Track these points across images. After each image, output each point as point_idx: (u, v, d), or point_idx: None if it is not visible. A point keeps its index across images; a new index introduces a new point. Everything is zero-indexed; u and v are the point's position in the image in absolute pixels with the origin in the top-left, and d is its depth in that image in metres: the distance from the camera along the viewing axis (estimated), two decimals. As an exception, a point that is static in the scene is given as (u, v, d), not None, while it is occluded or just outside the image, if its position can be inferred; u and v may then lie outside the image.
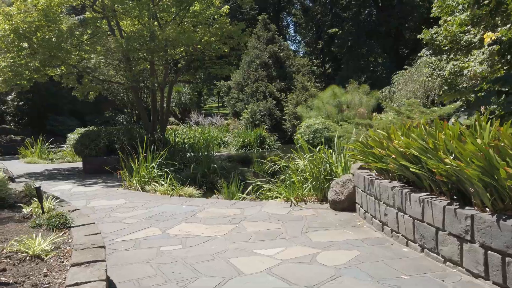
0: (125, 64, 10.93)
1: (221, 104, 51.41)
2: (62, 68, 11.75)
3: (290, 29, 52.39)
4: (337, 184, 5.41)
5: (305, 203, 5.85)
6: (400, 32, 30.84)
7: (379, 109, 20.90)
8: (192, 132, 19.45)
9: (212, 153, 10.39)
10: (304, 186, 6.16)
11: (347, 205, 5.28)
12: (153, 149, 9.18)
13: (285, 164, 6.65)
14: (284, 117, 21.81)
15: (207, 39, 11.23)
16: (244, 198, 6.60)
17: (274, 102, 22.11)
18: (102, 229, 4.78)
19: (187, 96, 29.78)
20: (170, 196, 6.94)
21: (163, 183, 7.60)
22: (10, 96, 23.31)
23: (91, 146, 10.54)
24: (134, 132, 11.09)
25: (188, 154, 11.39)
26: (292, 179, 6.23)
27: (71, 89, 13.19)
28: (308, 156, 6.15)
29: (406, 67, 19.98)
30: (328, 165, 5.96)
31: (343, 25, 31.06)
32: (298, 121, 20.73)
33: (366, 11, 31.03)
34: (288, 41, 42.93)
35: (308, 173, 6.07)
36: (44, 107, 23.58)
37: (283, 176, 6.53)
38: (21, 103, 23.16)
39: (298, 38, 50.00)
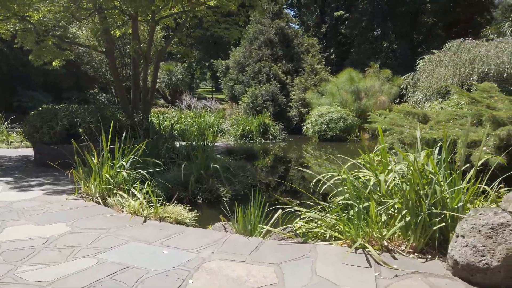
0: (98, 17, 7.99)
1: (214, 89, 48.04)
2: (14, 21, 8.80)
3: (290, 10, 49.02)
4: (477, 232, 2.69)
5: (392, 256, 3.14)
6: (417, 16, 27.99)
7: (398, 98, 18.26)
8: (183, 116, 16.54)
9: (210, 144, 7.58)
10: (383, 219, 3.44)
11: (503, 278, 2.59)
12: (128, 137, 6.37)
13: (342, 175, 3.88)
14: (289, 104, 18.98)
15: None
16: (269, 232, 3.86)
17: (279, 85, 19.18)
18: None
19: (178, 76, 26.60)
20: (145, 220, 4.17)
21: (135, 192, 4.84)
22: (-28, 66, 19.97)
23: (44, 129, 7.63)
24: (106, 113, 8.26)
25: (178, 144, 8.61)
26: (359, 205, 3.49)
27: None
28: (399, 168, 3.38)
29: (434, 51, 17.23)
30: (437, 186, 3.21)
31: (355, 4, 28.00)
32: (306, 109, 17.99)
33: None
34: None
35: (398, 199, 3.32)
36: (13, 79, 20.30)
37: (341, 197, 3.79)
38: (-16, 74, 19.85)
39: (302, 19, 46.80)
